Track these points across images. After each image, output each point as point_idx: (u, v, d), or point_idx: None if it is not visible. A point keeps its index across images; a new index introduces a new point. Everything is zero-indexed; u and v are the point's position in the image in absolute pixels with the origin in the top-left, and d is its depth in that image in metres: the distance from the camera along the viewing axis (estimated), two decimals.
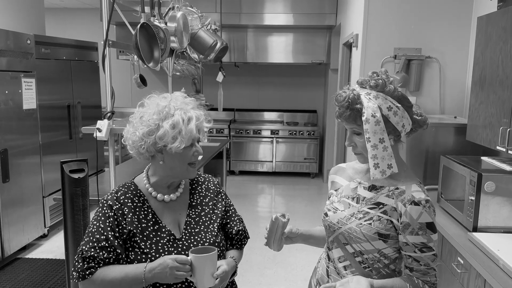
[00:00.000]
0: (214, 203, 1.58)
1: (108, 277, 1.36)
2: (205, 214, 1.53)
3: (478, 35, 2.52)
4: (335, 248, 1.46)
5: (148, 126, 1.40)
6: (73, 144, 4.70)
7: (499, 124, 2.21)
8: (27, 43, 3.92)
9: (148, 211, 1.46)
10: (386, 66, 3.53)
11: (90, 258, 1.36)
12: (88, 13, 7.11)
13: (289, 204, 5.44)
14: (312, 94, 7.31)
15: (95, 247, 1.37)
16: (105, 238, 1.38)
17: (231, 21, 6.22)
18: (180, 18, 3.03)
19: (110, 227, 1.40)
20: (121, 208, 1.43)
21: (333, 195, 1.52)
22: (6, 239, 3.69)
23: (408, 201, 1.34)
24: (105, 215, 1.42)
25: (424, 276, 1.37)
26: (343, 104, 1.36)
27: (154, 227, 1.44)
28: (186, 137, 1.38)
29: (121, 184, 1.52)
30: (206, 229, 1.50)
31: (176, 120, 1.39)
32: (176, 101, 1.44)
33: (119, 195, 1.46)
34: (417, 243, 1.33)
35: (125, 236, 1.40)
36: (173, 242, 1.44)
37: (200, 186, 1.60)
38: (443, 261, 2.26)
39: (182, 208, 1.52)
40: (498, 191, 2.09)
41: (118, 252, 1.39)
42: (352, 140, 1.41)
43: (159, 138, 1.39)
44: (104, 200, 1.46)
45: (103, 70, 2.54)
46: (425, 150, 2.92)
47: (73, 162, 2.34)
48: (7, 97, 3.68)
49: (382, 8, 3.49)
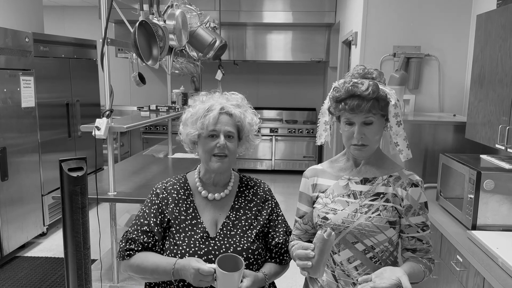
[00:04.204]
0: (259, 209, 1.53)
1: (143, 264, 1.41)
2: (245, 219, 1.50)
3: (478, 33, 2.52)
4: (342, 250, 1.41)
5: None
6: (72, 142, 4.70)
7: (498, 122, 2.21)
8: (26, 41, 3.91)
9: (191, 205, 1.49)
10: (385, 64, 3.53)
11: (132, 240, 1.44)
12: (87, 11, 7.09)
13: (289, 202, 5.46)
14: (311, 92, 7.31)
15: (138, 230, 1.46)
16: (147, 223, 1.45)
17: (230, 19, 6.21)
18: (179, 16, 3.02)
19: (154, 213, 1.47)
20: (166, 198, 1.49)
21: (321, 198, 1.47)
22: (5, 237, 3.69)
23: (408, 184, 1.40)
24: (152, 202, 1.50)
25: (427, 254, 1.43)
26: (368, 95, 1.31)
27: (191, 222, 1.47)
28: (200, 125, 1.43)
29: (174, 176, 1.58)
30: (243, 234, 1.47)
31: (198, 108, 1.46)
32: (221, 96, 1.51)
33: (168, 185, 1.53)
34: (419, 223, 1.40)
35: (165, 224, 1.46)
36: (206, 239, 1.44)
37: (248, 190, 1.57)
38: (442, 259, 2.26)
39: (224, 209, 1.51)
40: (497, 189, 2.09)
41: (156, 239, 1.45)
42: (363, 131, 1.36)
43: (182, 124, 1.49)
44: (155, 188, 1.54)
45: (101, 68, 2.54)
46: (424, 148, 2.92)
47: (72, 160, 2.33)
48: (5, 95, 3.67)
49: (381, 6, 3.48)
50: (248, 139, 1.53)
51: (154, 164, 3.59)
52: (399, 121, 1.41)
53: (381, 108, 1.36)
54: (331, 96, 1.40)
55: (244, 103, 1.53)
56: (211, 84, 5.94)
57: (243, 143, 1.54)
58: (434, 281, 2.36)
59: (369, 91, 1.32)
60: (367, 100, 1.32)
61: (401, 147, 1.45)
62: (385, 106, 1.37)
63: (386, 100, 1.36)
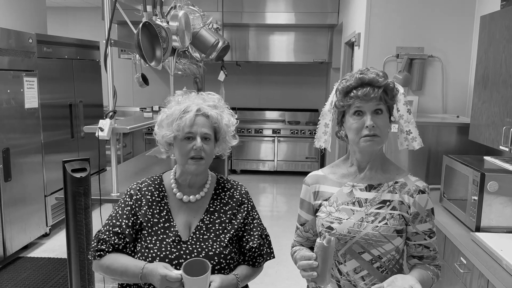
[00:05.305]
0: (234, 213, 1.49)
1: (113, 266, 1.39)
2: (220, 223, 1.47)
3: (481, 34, 2.51)
4: (348, 261, 1.38)
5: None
6: (75, 143, 4.70)
7: (502, 124, 2.20)
8: (29, 42, 3.92)
9: (164, 207, 1.46)
10: (389, 65, 3.52)
11: (103, 241, 1.42)
12: (90, 12, 7.11)
13: (291, 203, 5.44)
14: (314, 93, 7.30)
15: (109, 230, 1.43)
16: (119, 224, 1.43)
17: (233, 20, 6.21)
18: (182, 17, 3.02)
19: (126, 215, 1.44)
20: (140, 199, 1.47)
21: (325, 206, 1.42)
22: (8, 238, 3.70)
23: (415, 191, 1.38)
24: (125, 203, 1.47)
25: (434, 261, 1.42)
26: (378, 81, 1.31)
27: (164, 225, 1.44)
28: (176, 127, 1.40)
29: (150, 176, 1.55)
30: (216, 238, 1.44)
31: (173, 109, 1.43)
32: (197, 97, 1.48)
33: (142, 186, 1.50)
34: (426, 230, 1.38)
35: (137, 226, 1.44)
36: (178, 243, 1.41)
37: (224, 193, 1.53)
38: (446, 261, 2.25)
39: (198, 212, 1.48)
40: (501, 191, 2.08)
41: (127, 241, 1.42)
42: (374, 120, 1.32)
43: (157, 125, 1.46)
44: (129, 188, 1.51)
45: (105, 69, 2.54)
46: (428, 150, 2.91)
47: (75, 161, 2.34)
48: (9, 96, 3.68)
49: (384, 6, 3.48)
50: (225, 140, 1.50)
51: (157, 165, 3.59)
52: (409, 109, 1.42)
53: (390, 98, 1.35)
54: (340, 88, 1.37)
55: (221, 104, 1.49)
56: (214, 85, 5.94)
57: (220, 144, 1.51)
58: (438, 283, 2.35)
59: (380, 75, 1.33)
60: (378, 86, 1.31)
61: (414, 135, 1.45)
62: (393, 96, 1.37)
63: (394, 91, 1.36)
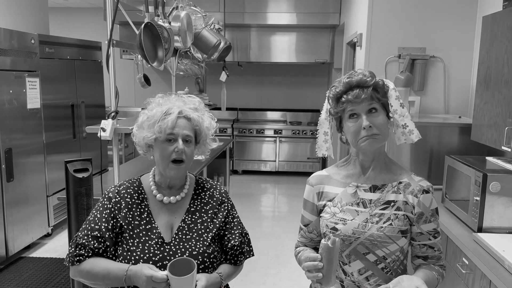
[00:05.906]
0: (215, 212, 1.51)
1: (94, 270, 1.37)
2: (201, 222, 1.48)
3: (483, 35, 2.51)
4: (353, 262, 1.38)
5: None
6: (77, 144, 4.71)
7: (505, 124, 2.20)
8: (31, 43, 3.93)
9: (145, 209, 1.46)
10: (390, 66, 3.52)
11: (82, 245, 1.40)
12: (92, 12, 7.13)
13: (292, 203, 5.43)
14: (316, 94, 7.30)
15: (88, 235, 1.41)
16: (98, 228, 1.41)
17: (235, 21, 6.22)
18: (184, 17, 3.03)
19: (106, 218, 1.42)
20: (119, 202, 1.45)
21: (329, 207, 1.42)
22: (10, 238, 3.71)
23: (419, 191, 1.38)
24: (103, 206, 1.45)
25: (438, 261, 1.42)
26: (366, 82, 1.32)
27: (146, 227, 1.43)
28: (158, 129, 1.40)
29: (128, 179, 1.53)
30: (199, 237, 1.44)
31: (155, 111, 1.42)
32: (178, 99, 1.47)
33: (121, 188, 1.48)
34: (430, 230, 1.38)
35: (117, 229, 1.42)
36: (161, 245, 1.41)
37: (204, 193, 1.54)
38: (448, 262, 2.25)
39: (179, 212, 1.48)
40: (503, 191, 2.08)
41: (107, 245, 1.41)
42: (370, 120, 1.32)
43: (137, 127, 1.44)
44: (107, 191, 1.49)
45: (107, 70, 2.54)
46: (430, 150, 2.91)
47: (77, 161, 2.34)
48: (11, 97, 3.69)
49: (386, 7, 3.48)
50: (205, 143, 1.51)
51: None
52: (401, 103, 1.42)
53: (382, 95, 1.36)
54: (331, 95, 1.39)
55: (201, 107, 1.50)
56: (215, 86, 5.95)
57: (200, 147, 1.51)
58: (440, 284, 2.35)
59: (367, 75, 1.33)
60: (366, 87, 1.32)
61: (410, 128, 1.43)
62: (384, 93, 1.37)
63: (384, 88, 1.37)
